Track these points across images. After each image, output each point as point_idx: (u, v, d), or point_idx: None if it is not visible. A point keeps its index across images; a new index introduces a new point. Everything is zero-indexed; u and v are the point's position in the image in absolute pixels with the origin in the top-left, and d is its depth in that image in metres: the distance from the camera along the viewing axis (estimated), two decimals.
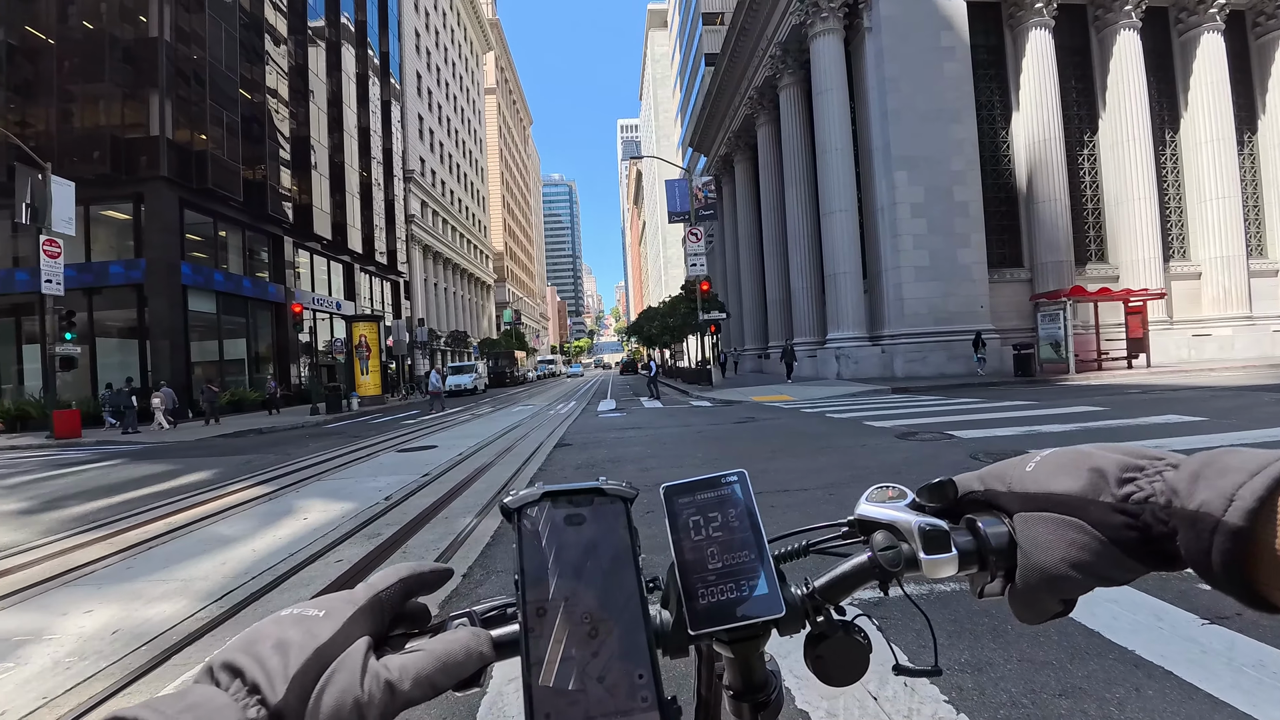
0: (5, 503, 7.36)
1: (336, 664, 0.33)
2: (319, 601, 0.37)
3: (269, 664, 0.32)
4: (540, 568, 0.40)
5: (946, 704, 2.02)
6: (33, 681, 2.65)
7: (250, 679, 0.32)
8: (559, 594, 0.40)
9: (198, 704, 0.30)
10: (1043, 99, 21.34)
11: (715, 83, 37.61)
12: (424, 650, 0.36)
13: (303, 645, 0.34)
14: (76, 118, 20.80)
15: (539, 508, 0.43)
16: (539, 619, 0.39)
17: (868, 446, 7.49)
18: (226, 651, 0.34)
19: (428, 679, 0.35)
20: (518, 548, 0.41)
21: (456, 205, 58.71)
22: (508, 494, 0.43)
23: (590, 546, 0.41)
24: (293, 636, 0.34)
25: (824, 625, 0.46)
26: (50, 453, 13.64)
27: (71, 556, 4.67)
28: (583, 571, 0.40)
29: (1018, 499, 0.41)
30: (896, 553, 0.44)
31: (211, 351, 23.74)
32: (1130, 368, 17.95)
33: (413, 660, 0.35)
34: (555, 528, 0.42)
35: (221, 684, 0.32)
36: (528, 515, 0.42)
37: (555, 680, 0.37)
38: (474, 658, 0.38)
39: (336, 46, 33.34)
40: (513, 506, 0.43)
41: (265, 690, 0.31)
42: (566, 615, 0.39)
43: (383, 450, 10.29)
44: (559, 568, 0.40)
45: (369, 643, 0.35)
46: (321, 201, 30.35)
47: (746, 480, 0.47)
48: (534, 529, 0.42)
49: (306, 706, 0.32)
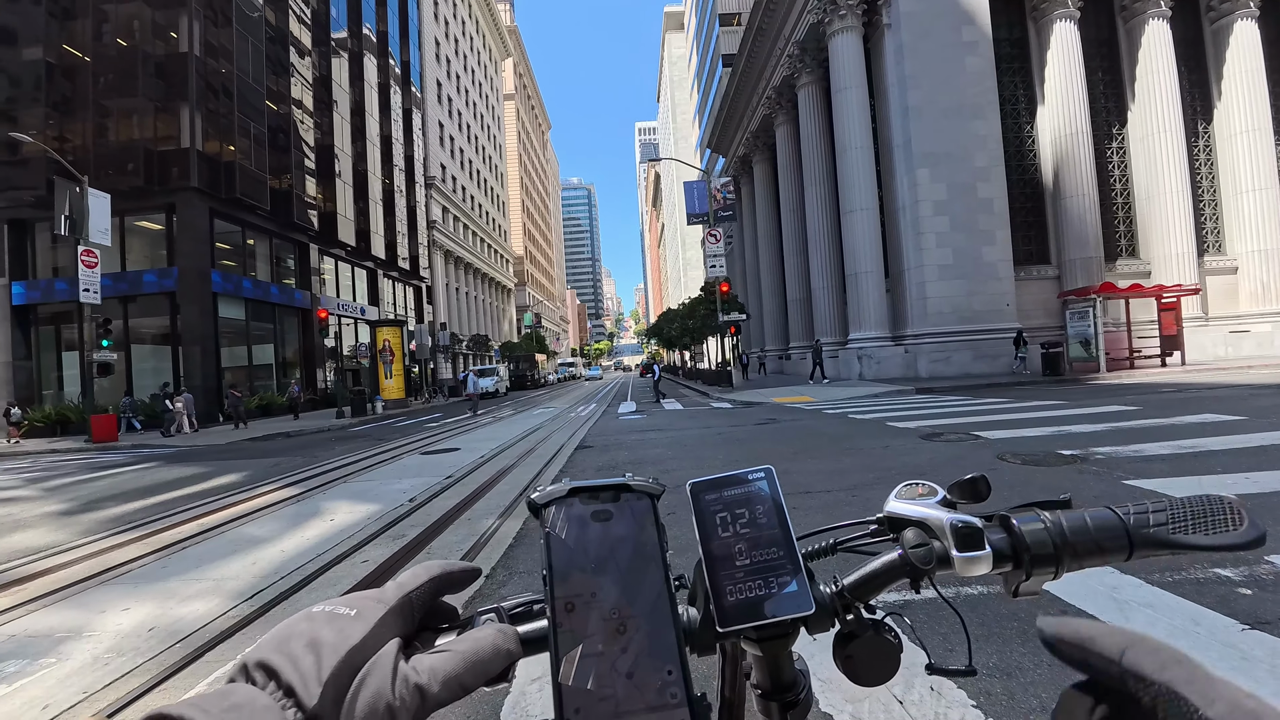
0: (47, 504, 7.62)
1: (369, 667, 0.33)
2: (350, 600, 0.37)
3: (303, 665, 0.32)
4: (568, 563, 0.40)
5: (975, 709, 1.98)
6: (73, 677, 2.74)
7: (285, 680, 0.32)
8: (587, 590, 0.39)
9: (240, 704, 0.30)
10: (1069, 92, 20.87)
11: (733, 83, 37.49)
12: (452, 651, 0.36)
13: (336, 646, 0.33)
14: (111, 132, 21.52)
15: (566, 503, 0.43)
16: (567, 615, 0.38)
17: (891, 448, 7.39)
18: (260, 650, 0.34)
19: (457, 680, 0.35)
20: (545, 543, 0.41)
21: (477, 210, 59.37)
22: (534, 490, 0.43)
23: (617, 542, 0.41)
24: (325, 636, 0.34)
25: (853, 624, 0.45)
26: (88, 456, 14.09)
27: (109, 556, 4.81)
28: (610, 567, 0.40)
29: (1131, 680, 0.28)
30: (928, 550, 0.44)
31: (241, 357, 24.33)
32: (1164, 366, 17.43)
33: (441, 661, 0.35)
34: (582, 523, 0.42)
35: (258, 683, 0.32)
36: (555, 511, 0.42)
37: (584, 676, 0.37)
38: (501, 655, 0.38)
39: (359, 57, 33.99)
40: (540, 502, 0.43)
41: (300, 693, 0.31)
42: (595, 611, 0.39)
43: (406, 453, 10.43)
44: (586, 563, 0.40)
45: (399, 645, 0.35)
46: (345, 209, 30.94)
47: (774, 476, 0.47)
48: (561, 525, 0.42)
49: (341, 710, 0.32)
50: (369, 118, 34.55)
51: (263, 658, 0.33)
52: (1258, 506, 3.90)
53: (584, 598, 0.39)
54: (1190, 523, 0.42)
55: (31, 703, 2.53)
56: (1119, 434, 7.05)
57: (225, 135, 22.44)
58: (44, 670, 2.83)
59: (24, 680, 2.73)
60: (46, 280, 22.23)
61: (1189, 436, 6.47)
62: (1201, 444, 6.01)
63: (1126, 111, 22.66)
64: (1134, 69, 21.95)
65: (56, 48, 21.50)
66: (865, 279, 21.57)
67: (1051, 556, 0.42)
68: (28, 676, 2.77)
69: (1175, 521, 0.42)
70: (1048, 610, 2.70)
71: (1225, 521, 0.42)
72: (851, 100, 21.71)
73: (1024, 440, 7.13)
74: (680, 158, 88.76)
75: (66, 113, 21.53)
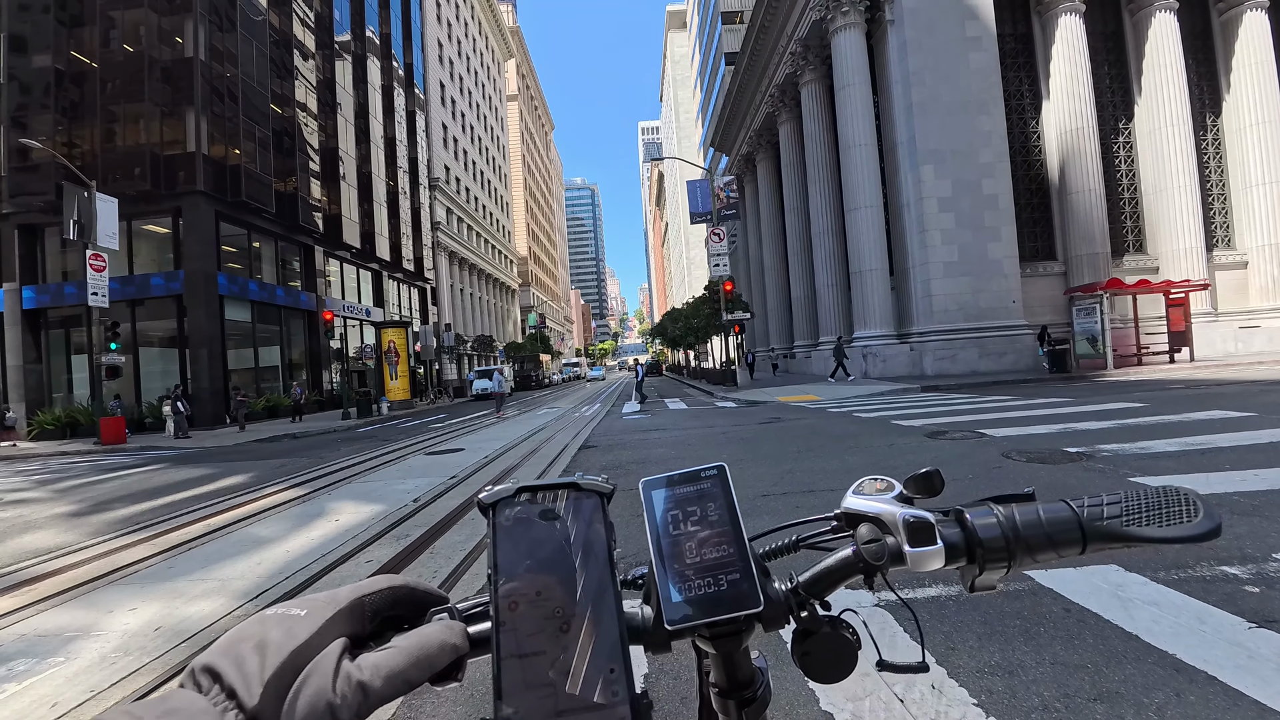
0: (57, 506, 7.69)
1: (311, 666, 0.33)
2: (303, 600, 0.38)
3: (247, 666, 0.32)
4: (513, 562, 0.40)
5: (975, 707, 1.97)
6: (81, 675, 2.76)
7: (228, 683, 0.32)
8: (531, 589, 0.39)
9: (177, 708, 0.30)
10: (1075, 87, 20.73)
11: (736, 82, 37.43)
12: (397, 647, 0.36)
13: (280, 646, 0.34)
14: (119, 137, 21.68)
15: (513, 503, 0.43)
16: (510, 613, 0.39)
17: (896, 446, 7.36)
18: (208, 654, 0.34)
19: (400, 675, 0.35)
20: (491, 542, 0.41)
21: (481, 211, 59.51)
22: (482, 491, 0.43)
23: (564, 541, 0.41)
24: (273, 637, 0.34)
25: (809, 621, 0.45)
26: (98, 458, 14.21)
27: (117, 557, 4.86)
28: (556, 566, 0.40)
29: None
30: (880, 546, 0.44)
31: (248, 359, 24.48)
32: (1172, 362, 17.28)
33: (385, 657, 0.35)
34: (529, 523, 0.42)
35: (202, 688, 0.32)
36: (502, 511, 0.42)
37: (526, 674, 0.37)
38: (447, 650, 0.38)
39: (362, 60, 34.13)
40: (487, 502, 0.43)
41: (241, 694, 0.31)
42: (538, 610, 0.39)
43: (411, 453, 10.47)
44: (532, 562, 0.40)
45: (345, 644, 0.36)
46: (350, 211, 31.08)
47: (726, 474, 0.47)
48: (508, 524, 0.42)
49: (282, 708, 0.32)
50: (373, 120, 34.69)
51: (209, 662, 0.33)
52: (1267, 504, 3.87)
53: (528, 596, 0.39)
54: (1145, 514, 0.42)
55: (40, 701, 2.55)
56: (1126, 431, 7.00)
57: (231, 139, 22.58)
58: (53, 669, 2.86)
59: (33, 679, 2.76)
60: (56, 284, 22.43)
61: (1197, 433, 6.41)
62: (1209, 441, 5.96)
63: (1133, 105, 22.49)
64: (1141, 63, 21.78)
65: (65, 54, 21.69)
66: (870, 277, 21.49)
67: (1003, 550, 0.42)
68: (36, 675, 2.80)
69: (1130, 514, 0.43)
70: (1049, 609, 2.68)
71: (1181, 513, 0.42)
72: (855, 97, 21.64)
73: (1030, 438, 7.09)
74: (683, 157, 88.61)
75: (75, 118, 21.72)
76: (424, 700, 2.34)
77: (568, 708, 0.36)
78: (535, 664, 0.37)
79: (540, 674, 0.37)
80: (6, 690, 2.68)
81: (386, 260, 35.71)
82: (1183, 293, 17.71)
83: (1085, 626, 2.49)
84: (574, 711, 0.36)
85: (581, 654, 0.37)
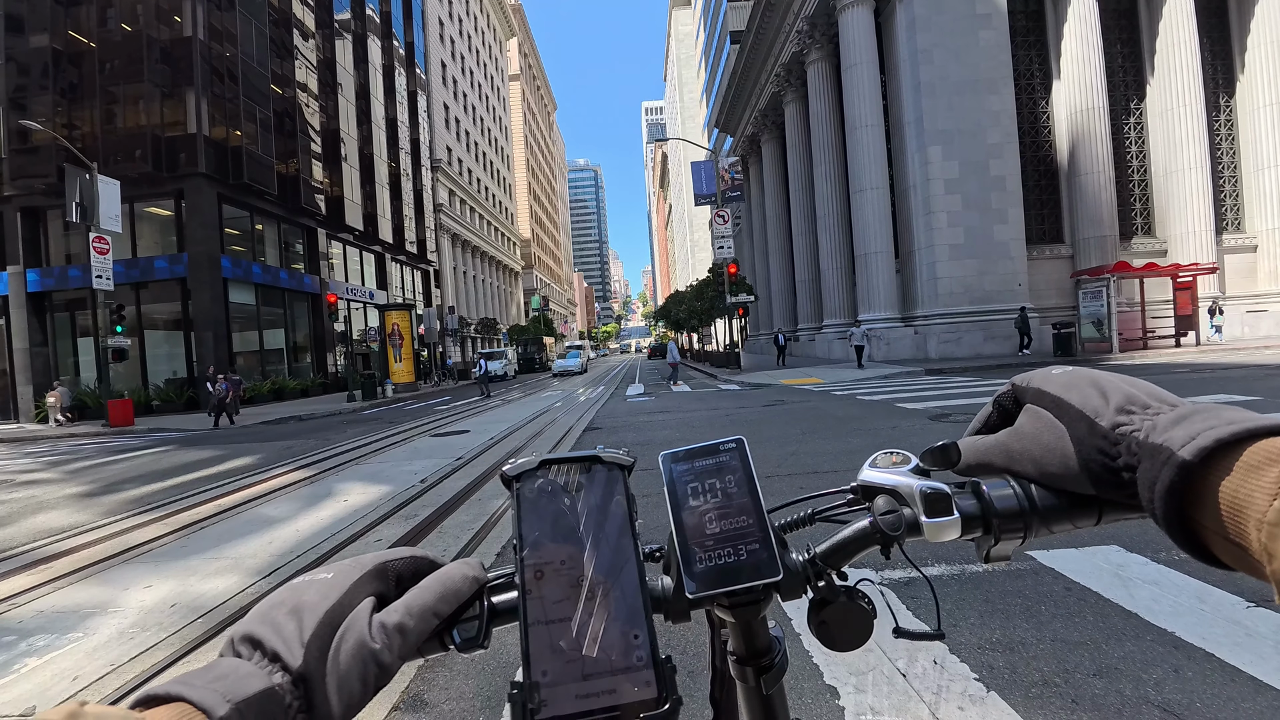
0: (69, 486, 7.80)
1: (348, 622, 0.36)
2: (329, 566, 0.40)
3: (286, 631, 0.34)
4: (537, 533, 0.41)
5: (976, 681, 2.01)
6: (100, 650, 2.83)
7: (270, 648, 0.34)
8: (555, 558, 0.40)
9: (225, 675, 0.31)
10: (1086, 66, 20.35)
11: (741, 61, 36.85)
12: (421, 586, 0.39)
13: (315, 608, 0.36)
14: (119, 118, 21.52)
15: (536, 475, 0.44)
16: (536, 582, 0.39)
17: (900, 429, 7.39)
18: (244, 624, 0.35)
19: (430, 609, 0.38)
20: (515, 514, 0.42)
21: (483, 193, 59.14)
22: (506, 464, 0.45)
23: (587, 512, 0.42)
24: (307, 600, 0.36)
25: (825, 590, 0.46)
26: (106, 440, 14.36)
27: (131, 536, 4.94)
28: (579, 536, 0.41)
29: (1031, 393, 0.44)
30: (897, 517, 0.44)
31: (253, 342, 24.55)
32: (1178, 346, 17.21)
33: (412, 595, 0.38)
34: (553, 494, 0.43)
35: (243, 656, 0.34)
36: (526, 483, 0.44)
37: (553, 640, 0.38)
38: (470, 582, 0.40)
39: (363, 39, 33.69)
40: (511, 474, 0.44)
41: (285, 656, 0.33)
42: (564, 578, 0.40)
43: (417, 435, 10.55)
44: (556, 533, 0.41)
45: (373, 603, 0.38)
46: (352, 193, 30.92)
47: (745, 447, 0.48)
48: (532, 496, 0.43)
49: (326, 664, 0.34)
50: (374, 100, 34.33)
51: (247, 631, 0.35)
52: None
53: (553, 565, 0.40)
54: None
55: (61, 674, 2.62)
56: None
57: (231, 120, 22.40)
58: (72, 644, 2.93)
59: (54, 653, 2.83)
60: (60, 267, 22.44)
61: None
62: None
63: (1145, 85, 22.09)
64: (1154, 41, 21.34)
65: (63, 34, 21.44)
66: (875, 259, 21.35)
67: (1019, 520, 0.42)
68: (57, 650, 2.87)
69: None
70: (1050, 588, 2.72)
71: None
72: (862, 76, 21.31)
73: None
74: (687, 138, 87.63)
75: (74, 100, 21.54)
76: (436, 674, 2.40)
77: (594, 671, 0.37)
78: (561, 630, 0.38)
79: (567, 640, 0.38)
80: (28, 665, 2.75)
81: (389, 243, 35.59)
82: (1190, 276, 17.58)
83: (1086, 605, 2.53)
84: (600, 675, 0.37)
85: (606, 620, 0.38)
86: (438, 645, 0.40)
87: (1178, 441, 0.32)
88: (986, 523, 0.43)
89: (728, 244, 23.23)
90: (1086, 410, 0.39)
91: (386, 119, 36.18)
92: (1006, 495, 0.43)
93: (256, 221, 24.70)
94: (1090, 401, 0.39)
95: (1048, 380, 0.43)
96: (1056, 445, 0.40)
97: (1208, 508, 0.30)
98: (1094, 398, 0.39)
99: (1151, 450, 0.34)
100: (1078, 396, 0.40)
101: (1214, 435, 0.31)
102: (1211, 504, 0.30)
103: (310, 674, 0.33)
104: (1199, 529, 0.32)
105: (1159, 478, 0.32)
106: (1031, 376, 0.45)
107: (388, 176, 35.64)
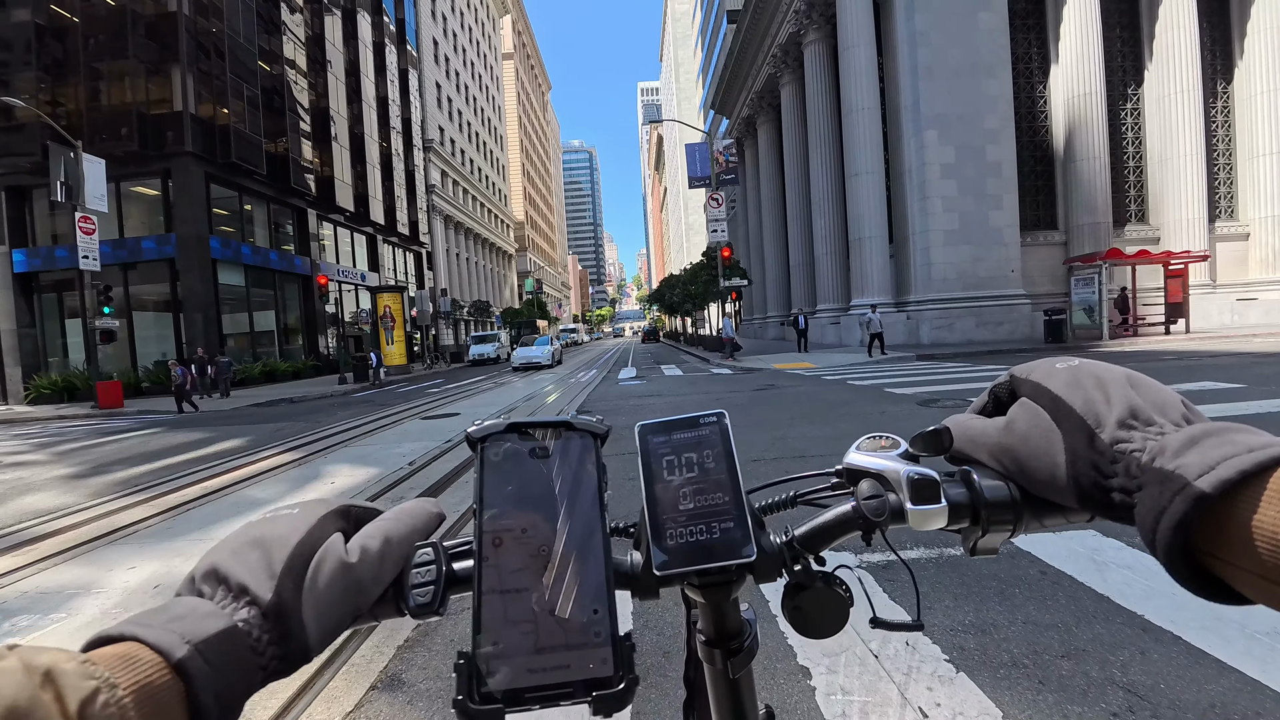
0: (57, 468, 7.77)
1: (323, 550, 0.35)
2: (293, 503, 0.39)
3: (252, 564, 0.33)
4: (500, 499, 0.40)
5: (947, 662, 2.04)
6: (82, 630, 2.84)
7: (236, 581, 0.32)
8: (517, 525, 0.39)
9: (183, 615, 0.29)
10: (1085, 51, 20.19)
11: (737, 41, 36.36)
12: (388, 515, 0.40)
13: (285, 539, 0.35)
14: (104, 95, 21.08)
15: (503, 439, 0.42)
16: (494, 549, 0.38)
17: (888, 414, 7.43)
18: (208, 559, 0.34)
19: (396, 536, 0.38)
20: (478, 477, 0.40)
21: (476, 174, 58.48)
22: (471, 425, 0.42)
23: (554, 481, 0.41)
24: (276, 532, 0.35)
25: (802, 575, 0.45)
26: (95, 421, 14.29)
27: (117, 518, 4.93)
28: (544, 505, 0.39)
29: (1029, 386, 0.41)
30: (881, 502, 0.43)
31: (243, 324, 24.37)
32: (1168, 333, 17.33)
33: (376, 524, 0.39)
34: (519, 459, 0.41)
35: (205, 594, 0.32)
36: (491, 446, 0.42)
37: (507, 610, 0.36)
38: (431, 516, 0.41)
39: (352, 14, 32.99)
40: (477, 436, 0.42)
41: (254, 588, 0.32)
42: (524, 547, 0.38)
43: (407, 418, 10.54)
44: (520, 500, 0.40)
45: (342, 537, 0.37)
46: (343, 173, 30.51)
47: (726, 421, 0.46)
48: (497, 459, 0.41)
49: (303, 593, 0.33)
50: (364, 78, 33.73)
51: (210, 565, 0.33)
52: None
53: (514, 533, 0.38)
54: None
55: None
56: None
57: (219, 98, 21.98)
58: (55, 624, 2.94)
59: (36, 634, 2.84)
60: (47, 248, 22.12)
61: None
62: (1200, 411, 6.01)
63: (1143, 71, 21.96)
64: (1153, 26, 21.17)
65: (45, 8, 20.87)
66: (869, 244, 21.31)
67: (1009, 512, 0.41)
68: (40, 630, 2.88)
69: None
70: (1026, 571, 2.76)
71: None
72: (859, 59, 21.09)
73: None
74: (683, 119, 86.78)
75: (58, 76, 21.03)
76: (414, 653, 2.42)
77: (548, 644, 0.35)
78: (517, 600, 0.36)
79: (522, 611, 0.36)
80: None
81: (381, 224, 35.21)
82: (1182, 264, 17.65)
83: (1060, 588, 2.56)
84: (555, 649, 0.35)
85: (566, 593, 0.37)
86: (393, 609, 0.39)
87: (1193, 470, 0.29)
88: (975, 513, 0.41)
89: (721, 227, 23.11)
90: (1088, 419, 0.35)
91: (377, 98, 35.58)
92: (998, 485, 0.41)
93: (246, 202, 24.39)
94: (1093, 408, 0.36)
95: (1050, 376, 0.40)
96: (1045, 451, 0.37)
97: (1233, 542, 0.28)
98: (1097, 403, 0.36)
99: (1160, 477, 0.31)
100: (1080, 400, 0.37)
101: (1236, 466, 0.28)
102: (1240, 538, 0.27)
103: (284, 604, 0.32)
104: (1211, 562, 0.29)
105: (1168, 508, 0.29)
106: (1033, 368, 0.42)
107: (379, 156, 35.13)
